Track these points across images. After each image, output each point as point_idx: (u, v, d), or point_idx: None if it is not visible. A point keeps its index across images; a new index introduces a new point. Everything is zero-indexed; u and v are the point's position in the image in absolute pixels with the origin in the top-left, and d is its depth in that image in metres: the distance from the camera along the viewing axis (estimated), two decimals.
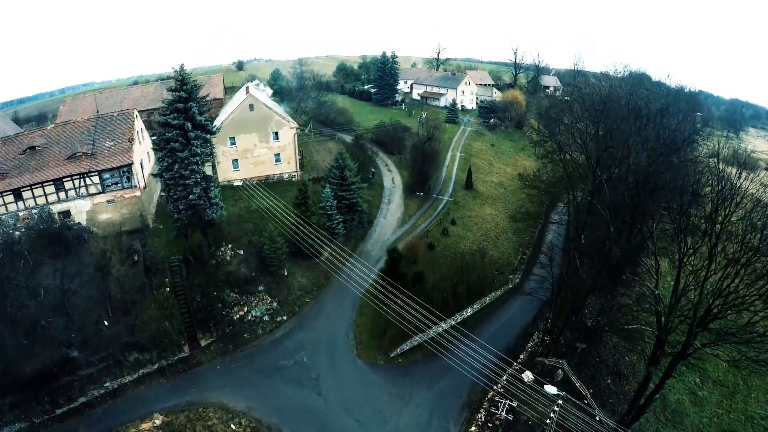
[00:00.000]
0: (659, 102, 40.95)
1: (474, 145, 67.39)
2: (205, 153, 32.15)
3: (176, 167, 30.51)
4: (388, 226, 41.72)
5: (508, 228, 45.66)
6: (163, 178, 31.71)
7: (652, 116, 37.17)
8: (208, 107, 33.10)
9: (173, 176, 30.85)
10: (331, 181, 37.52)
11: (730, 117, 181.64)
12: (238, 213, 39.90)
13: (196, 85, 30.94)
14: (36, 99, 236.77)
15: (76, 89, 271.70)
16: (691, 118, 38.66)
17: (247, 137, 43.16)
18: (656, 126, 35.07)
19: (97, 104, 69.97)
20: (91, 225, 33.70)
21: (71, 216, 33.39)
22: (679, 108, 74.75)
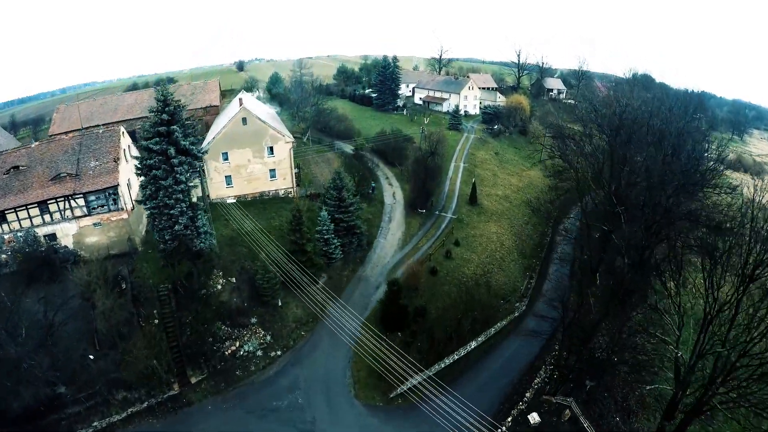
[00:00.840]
0: (678, 120, 37.89)
1: (478, 155, 64.46)
2: (192, 179, 29.66)
3: (160, 195, 27.99)
4: (389, 247, 39.07)
5: (514, 248, 42.96)
6: (146, 206, 29.20)
7: (672, 139, 34.27)
8: (194, 128, 30.38)
9: (157, 205, 28.38)
10: (327, 203, 34.85)
11: (734, 119, 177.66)
12: (231, 235, 37.35)
13: (180, 105, 28.27)
14: (37, 99, 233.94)
15: (77, 89, 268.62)
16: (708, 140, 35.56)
17: (240, 152, 40.47)
18: (677, 151, 32.22)
19: (91, 111, 67.72)
20: (78, 248, 32.27)
21: (57, 239, 31.89)
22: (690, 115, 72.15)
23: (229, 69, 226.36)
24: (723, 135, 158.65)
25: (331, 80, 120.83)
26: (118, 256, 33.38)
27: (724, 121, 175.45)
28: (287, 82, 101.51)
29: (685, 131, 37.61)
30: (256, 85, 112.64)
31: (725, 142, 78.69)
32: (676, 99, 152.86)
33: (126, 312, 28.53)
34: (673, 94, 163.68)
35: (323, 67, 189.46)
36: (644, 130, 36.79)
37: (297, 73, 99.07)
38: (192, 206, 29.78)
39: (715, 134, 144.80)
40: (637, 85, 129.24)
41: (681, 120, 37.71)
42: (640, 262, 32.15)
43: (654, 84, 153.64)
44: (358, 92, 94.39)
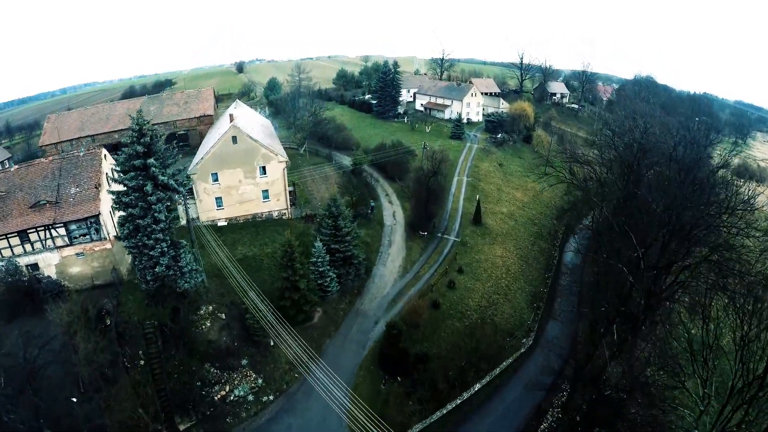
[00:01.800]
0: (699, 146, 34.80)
1: (481, 167, 61.41)
2: (177, 202, 26.84)
3: (138, 235, 25.21)
4: (389, 275, 36.24)
5: (520, 274, 40.12)
6: (125, 245, 26.48)
7: (695, 168, 31.28)
8: (174, 157, 27.41)
9: (136, 244, 25.62)
10: (323, 232, 31.97)
11: (738, 122, 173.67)
12: (221, 264, 34.54)
13: (156, 134, 25.26)
14: (37, 99, 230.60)
15: (77, 89, 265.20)
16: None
17: (231, 173, 37.54)
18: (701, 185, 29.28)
19: (82, 121, 64.70)
20: (62, 278, 30.48)
21: (40, 269, 29.88)
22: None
23: (229, 70, 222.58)
24: (726, 139, 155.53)
25: (330, 84, 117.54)
26: (104, 286, 31.59)
27: (727, 124, 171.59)
28: (285, 86, 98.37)
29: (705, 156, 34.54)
30: (254, 90, 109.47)
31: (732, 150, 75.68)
32: (680, 101, 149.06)
33: (110, 353, 26.45)
34: (676, 96, 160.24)
35: (323, 69, 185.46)
36: (667, 163, 33.80)
37: (295, 78, 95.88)
38: (174, 244, 26.98)
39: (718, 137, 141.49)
40: (642, 89, 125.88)
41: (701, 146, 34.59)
42: (657, 300, 29.49)
43: (657, 86, 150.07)
44: (358, 98, 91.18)
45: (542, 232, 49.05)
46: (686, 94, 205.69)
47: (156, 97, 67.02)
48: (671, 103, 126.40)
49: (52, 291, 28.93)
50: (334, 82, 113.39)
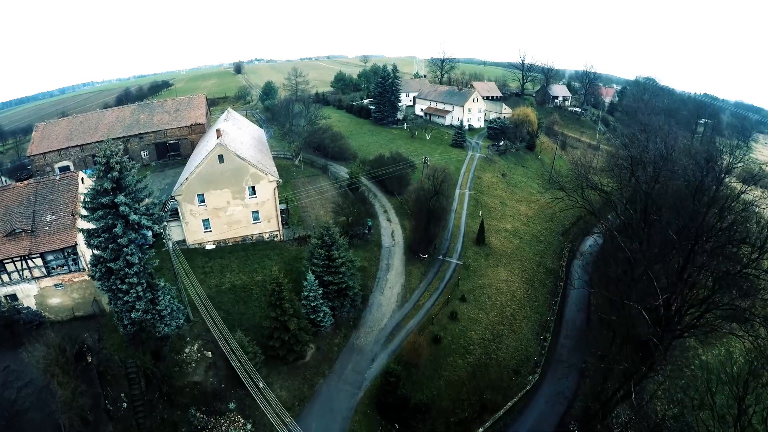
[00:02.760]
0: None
1: (484, 178, 58.41)
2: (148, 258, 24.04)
3: (111, 278, 22.45)
4: (387, 305, 33.42)
5: (526, 300, 37.33)
6: (99, 287, 23.77)
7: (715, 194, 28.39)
8: (150, 192, 24.50)
9: (109, 288, 22.88)
10: (315, 263, 29.08)
11: (740, 124, 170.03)
12: (207, 294, 31.68)
13: (126, 166, 22.30)
14: (35, 99, 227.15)
15: (75, 89, 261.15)
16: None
17: (218, 193, 34.61)
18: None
19: (70, 130, 61.60)
20: (42, 309, 29.17)
21: (18, 300, 28.18)
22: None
23: (227, 71, 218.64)
24: (728, 141, 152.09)
25: (328, 86, 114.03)
26: (85, 318, 29.74)
27: (729, 126, 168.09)
28: (282, 90, 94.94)
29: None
30: (250, 94, 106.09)
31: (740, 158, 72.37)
32: (682, 103, 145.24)
33: (91, 395, 24.42)
34: (678, 97, 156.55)
35: (322, 71, 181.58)
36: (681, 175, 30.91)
37: (292, 81, 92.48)
38: (151, 286, 24.17)
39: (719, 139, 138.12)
40: (645, 92, 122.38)
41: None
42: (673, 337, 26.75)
43: (658, 88, 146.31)
44: (356, 103, 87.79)
45: (548, 251, 46.23)
46: (687, 96, 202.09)
47: (146, 105, 63.84)
48: (674, 106, 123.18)
49: (32, 322, 27.79)
50: (332, 85, 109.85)
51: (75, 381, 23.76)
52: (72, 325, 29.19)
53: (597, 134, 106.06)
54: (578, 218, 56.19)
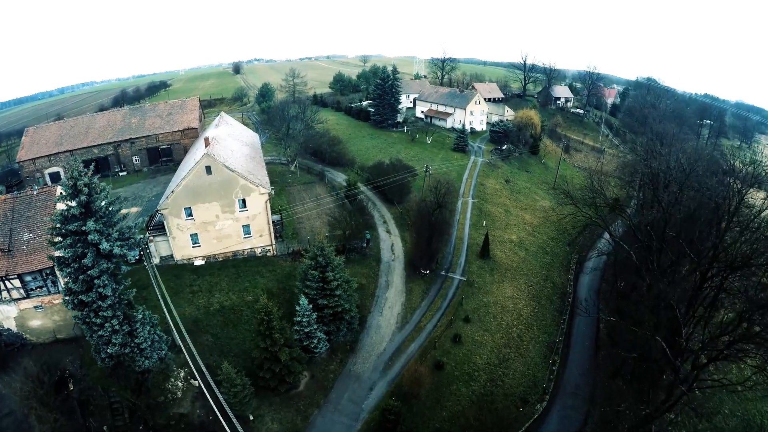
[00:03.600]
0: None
1: (487, 184, 55.89)
2: (124, 288, 21.69)
3: (85, 311, 20.12)
4: (386, 327, 31.01)
5: (533, 319, 34.90)
6: (72, 316, 21.48)
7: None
8: (123, 215, 22.06)
9: (83, 320, 20.55)
10: (308, 285, 26.62)
11: (742, 125, 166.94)
12: (195, 316, 29.36)
13: (96, 188, 19.83)
14: (35, 99, 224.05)
15: (75, 89, 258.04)
16: None
17: (206, 207, 32.14)
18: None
19: (60, 135, 59.08)
20: (23, 331, 27.72)
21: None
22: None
23: (225, 71, 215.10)
24: (730, 142, 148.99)
25: (327, 88, 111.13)
26: (68, 340, 27.94)
27: (731, 128, 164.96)
28: (280, 91, 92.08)
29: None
30: (247, 95, 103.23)
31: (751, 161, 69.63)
32: (685, 104, 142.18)
33: (72, 428, 22.78)
34: (680, 98, 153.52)
35: (321, 71, 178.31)
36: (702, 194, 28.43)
37: (290, 82, 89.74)
38: (129, 318, 21.75)
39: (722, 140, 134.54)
40: (649, 93, 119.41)
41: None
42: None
43: (660, 89, 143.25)
44: (355, 105, 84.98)
45: (555, 263, 43.76)
46: (689, 96, 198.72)
47: (138, 108, 61.24)
48: (678, 107, 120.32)
49: (14, 344, 26.71)
50: (331, 86, 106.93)
51: (55, 414, 22.08)
52: (54, 348, 27.50)
53: (600, 136, 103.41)
54: (584, 227, 53.75)
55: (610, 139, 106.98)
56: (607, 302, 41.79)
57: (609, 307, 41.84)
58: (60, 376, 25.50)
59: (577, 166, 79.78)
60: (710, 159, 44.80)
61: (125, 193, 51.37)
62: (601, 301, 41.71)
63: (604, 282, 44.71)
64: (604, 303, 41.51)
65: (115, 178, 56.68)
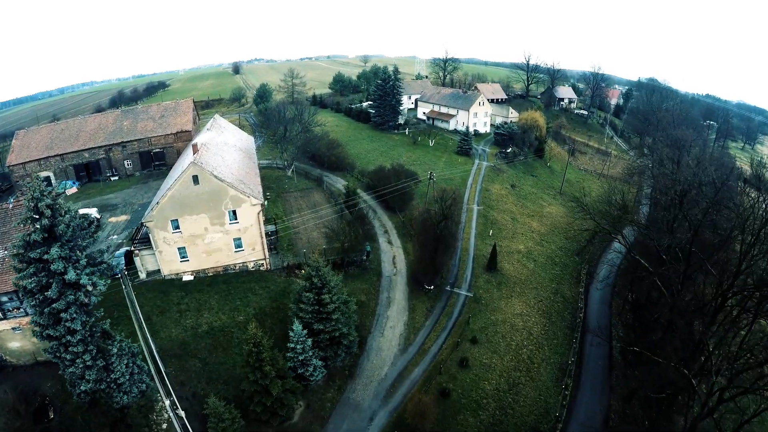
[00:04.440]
0: None
1: (493, 190, 53.28)
2: (95, 320, 19.22)
3: (54, 345, 17.69)
4: (387, 349, 28.52)
5: (544, 338, 32.41)
6: (43, 349, 19.10)
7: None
8: (93, 237, 19.54)
9: (54, 354, 18.13)
10: (303, 309, 24.11)
11: (746, 126, 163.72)
12: (182, 338, 26.90)
13: (60, 209, 17.31)
14: (35, 99, 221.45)
15: (75, 89, 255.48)
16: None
17: (194, 219, 29.62)
18: None
19: (51, 138, 56.56)
20: (2, 353, 26.22)
21: None
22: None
23: (225, 71, 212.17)
24: (734, 144, 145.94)
25: (326, 88, 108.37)
26: (49, 363, 25.22)
27: (735, 129, 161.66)
28: (278, 92, 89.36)
29: None
30: (245, 96, 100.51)
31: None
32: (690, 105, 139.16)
33: None
34: (682, 99, 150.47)
35: (321, 71, 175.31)
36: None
37: (288, 82, 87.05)
38: (103, 351, 19.26)
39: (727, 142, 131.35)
40: (654, 94, 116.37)
41: None
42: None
43: (663, 89, 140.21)
44: (355, 106, 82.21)
45: (564, 275, 41.23)
46: (691, 96, 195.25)
47: (130, 111, 58.60)
48: (684, 109, 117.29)
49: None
50: (331, 86, 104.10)
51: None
52: (35, 371, 25.34)
53: (605, 138, 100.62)
54: (593, 234, 51.26)
55: (615, 141, 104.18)
56: (620, 316, 39.42)
57: (622, 321, 39.51)
58: (40, 404, 23.33)
59: (582, 169, 77.14)
60: (732, 168, 42.13)
61: (115, 199, 48.97)
62: (614, 315, 39.29)
63: (616, 294, 42.31)
64: (617, 317, 39.11)
65: (107, 183, 54.23)
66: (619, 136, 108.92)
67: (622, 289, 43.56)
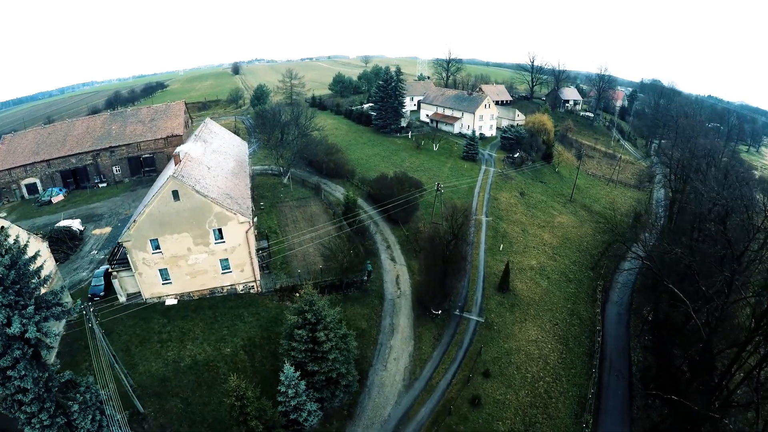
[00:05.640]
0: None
1: (501, 198, 49.86)
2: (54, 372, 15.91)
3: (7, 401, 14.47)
4: (390, 386, 25.24)
5: (561, 368, 29.13)
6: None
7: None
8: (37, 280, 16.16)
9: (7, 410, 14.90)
10: (295, 348, 20.81)
11: (750, 128, 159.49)
12: (162, 374, 23.65)
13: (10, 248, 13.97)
14: (35, 99, 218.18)
15: (75, 89, 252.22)
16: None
17: (175, 238, 26.33)
18: None
19: (37, 143, 53.25)
20: None
21: None
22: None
23: (225, 71, 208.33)
24: (740, 147, 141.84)
25: (326, 89, 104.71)
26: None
27: (740, 131, 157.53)
28: (276, 93, 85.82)
29: None
30: (242, 97, 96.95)
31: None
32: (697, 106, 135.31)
33: None
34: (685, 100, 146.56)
35: (322, 72, 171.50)
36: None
37: (287, 83, 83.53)
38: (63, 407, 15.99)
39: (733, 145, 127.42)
40: (661, 96, 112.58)
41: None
42: None
43: (675, 92, 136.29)
44: (356, 108, 78.66)
45: (580, 293, 37.90)
46: (695, 98, 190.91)
47: (119, 114, 55.23)
48: (691, 111, 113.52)
49: None
50: (331, 87, 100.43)
51: None
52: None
53: (612, 141, 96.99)
54: (607, 246, 47.91)
55: (622, 144, 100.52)
56: (639, 338, 36.21)
57: (641, 343, 36.33)
58: None
59: (591, 174, 73.65)
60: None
61: (101, 208, 45.68)
62: (632, 337, 36.03)
63: (633, 313, 39.06)
64: (636, 340, 35.87)
65: (94, 190, 50.95)
66: (626, 139, 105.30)
67: (639, 307, 40.38)
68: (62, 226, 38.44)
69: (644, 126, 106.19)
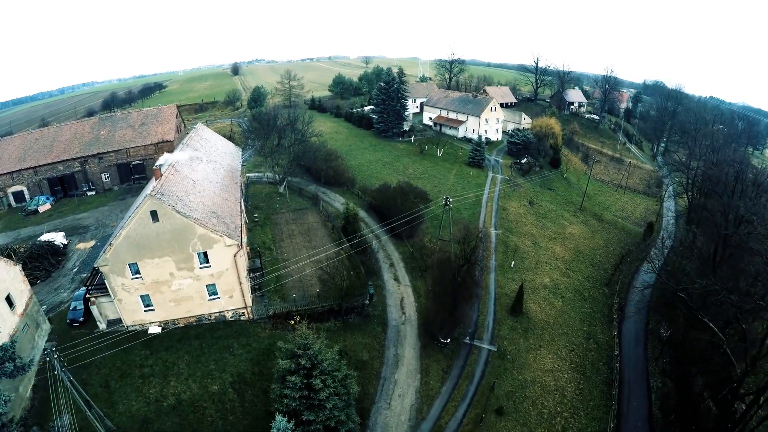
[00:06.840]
0: None
1: (510, 208, 46.97)
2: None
3: None
4: (395, 426, 22.53)
5: (579, 401, 26.44)
6: None
7: None
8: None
9: None
10: (288, 395, 18.04)
11: (755, 131, 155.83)
12: (144, 414, 20.92)
13: None
14: (35, 99, 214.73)
15: (75, 89, 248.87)
16: None
17: (156, 263, 23.54)
18: None
19: (24, 149, 50.29)
20: None
21: None
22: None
23: (224, 72, 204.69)
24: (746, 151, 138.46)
25: (326, 90, 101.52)
26: None
27: (742, 133, 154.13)
28: (273, 95, 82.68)
29: None
30: (239, 99, 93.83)
31: None
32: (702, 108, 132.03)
33: None
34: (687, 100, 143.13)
35: (322, 72, 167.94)
36: None
37: (285, 84, 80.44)
38: None
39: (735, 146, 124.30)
40: (669, 99, 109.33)
41: None
42: None
43: (683, 95, 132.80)
44: (356, 111, 75.64)
45: (595, 312, 35.12)
46: (697, 99, 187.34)
47: (108, 118, 52.22)
48: (710, 117, 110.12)
49: None
50: (331, 89, 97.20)
51: None
52: None
53: (618, 145, 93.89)
54: (620, 259, 45.08)
55: (628, 147, 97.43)
56: (657, 362, 33.51)
57: (659, 367, 33.64)
58: None
59: (599, 179, 70.69)
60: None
61: (88, 219, 42.81)
62: (650, 360, 33.30)
63: (650, 334, 36.35)
64: (653, 363, 33.13)
65: (82, 199, 48.07)
66: (632, 143, 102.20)
67: (655, 327, 37.68)
68: (44, 240, 35.62)
69: (650, 129, 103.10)
